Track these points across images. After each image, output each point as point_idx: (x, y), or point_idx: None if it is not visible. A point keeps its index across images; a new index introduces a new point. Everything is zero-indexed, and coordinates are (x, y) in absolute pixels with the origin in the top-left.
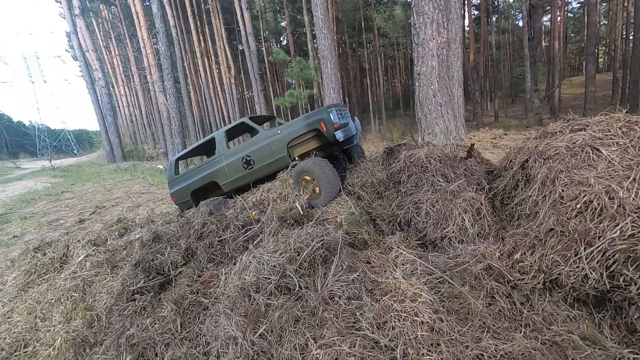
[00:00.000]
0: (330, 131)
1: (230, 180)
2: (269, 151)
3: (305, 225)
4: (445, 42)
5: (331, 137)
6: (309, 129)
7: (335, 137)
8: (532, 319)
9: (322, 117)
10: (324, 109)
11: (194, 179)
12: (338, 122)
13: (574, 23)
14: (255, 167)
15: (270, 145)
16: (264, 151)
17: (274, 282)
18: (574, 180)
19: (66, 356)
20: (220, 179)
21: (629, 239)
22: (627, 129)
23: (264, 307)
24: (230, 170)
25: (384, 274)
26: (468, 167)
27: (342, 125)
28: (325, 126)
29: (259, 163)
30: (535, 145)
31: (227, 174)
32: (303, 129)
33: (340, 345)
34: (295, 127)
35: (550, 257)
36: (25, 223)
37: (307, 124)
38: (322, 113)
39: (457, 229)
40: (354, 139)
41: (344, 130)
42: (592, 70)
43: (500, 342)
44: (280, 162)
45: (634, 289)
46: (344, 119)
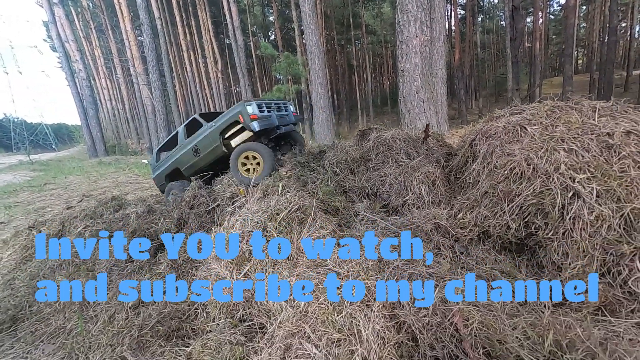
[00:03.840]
0: (247, 122)
1: (187, 167)
2: (208, 141)
3: (284, 193)
4: (428, 40)
5: (248, 127)
6: (232, 121)
7: (251, 127)
8: (467, 262)
9: (239, 110)
10: (242, 102)
11: (165, 165)
12: (257, 114)
13: (555, 25)
14: (201, 154)
15: (209, 135)
16: (205, 141)
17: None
18: (505, 152)
19: (71, 308)
20: (181, 166)
21: (538, 195)
22: (551, 112)
23: (248, 253)
24: (186, 158)
25: (350, 231)
26: (429, 148)
27: (261, 117)
28: (242, 118)
29: (204, 151)
30: (481, 127)
31: (184, 161)
32: (228, 121)
33: (309, 273)
34: (223, 120)
35: (483, 213)
36: (10, 211)
37: (229, 116)
38: (240, 106)
39: (415, 198)
40: (279, 129)
41: (260, 121)
42: (569, 71)
43: (430, 268)
44: (216, 150)
45: (541, 233)
46: (265, 112)
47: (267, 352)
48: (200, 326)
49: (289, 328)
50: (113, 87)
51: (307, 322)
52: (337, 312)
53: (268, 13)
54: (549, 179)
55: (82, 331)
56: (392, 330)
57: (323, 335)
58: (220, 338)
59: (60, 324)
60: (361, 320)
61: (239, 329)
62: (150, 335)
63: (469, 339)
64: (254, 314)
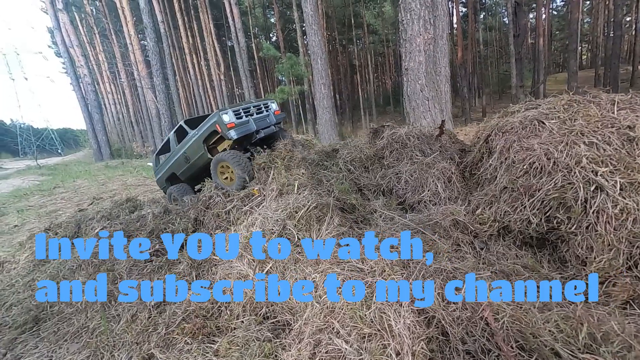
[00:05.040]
0: (224, 131)
1: (181, 172)
2: (194, 149)
3: (301, 192)
4: (432, 38)
5: (225, 136)
6: (210, 130)
7: (228, 136)
8: (488, 258)
9: (215, 120)
10: (217, 112)
11: (164, 170)
12: (234, 122)
13: (559, 21)
14: (191, 161)
15: (194, 144)
16: (191, 149)
17: (276, 233)
18: (523, 147)
19: (93, 307)
20: (176, 171)
21: (560, 189)
22: (568, 106)
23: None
24: (178, 164)
25: (369, 228)
26: (443, 145)
27: (238, 125)
28: (219, 127)
29: (192, 158)
30: (497, 123)
31: (177, 167)
32: (207, 131)
33: (334, 269)
34: (203, 129)
35: (503, 209)
36: (23, 215)
37: (207, 126)
38: (216, 116)
39: (431, 194)
40: (259, 133)
41: (237, 129)
42: (574, 67)
43: (455, 264)
44: (203, 157)
45: (564, 227)
46: (242, 118)
47: (296, 348)
48: (225, 324)
49: (317, 324)
50: (117, 92)
51: (335, 317)
52: (365, 307)
53: (269, 15)
54: (571, 173)
55: (105, 330)
56: (422, 325)
57: (352, 331)
58: (246, 335)
59: (83, 323)
60: (391, 315)
61: (265, 326)
62: (177, 333)
63: (501, 332)
64: (277, 311)
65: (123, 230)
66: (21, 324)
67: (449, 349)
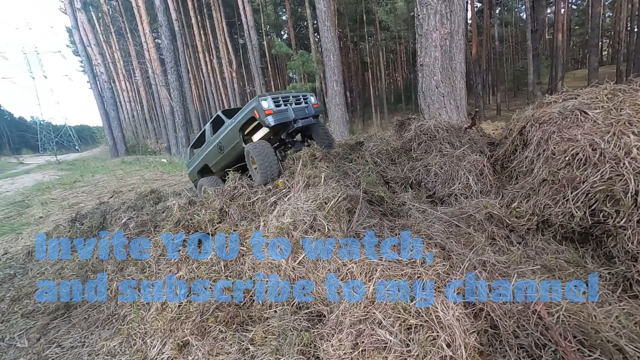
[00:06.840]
0: (262, 117)
1: (214, 163)
2: (230, 138)
3: (329, 183)
4: (448, 33)
5: (263, 122)
6: (248, 117)
7: (266, 123)
8: (527, 253)
9: (254, 106)
10: (256, 97)
11: (197, 162)
12: (272, 109)
13: (578, 15)
14: (225, 151)
15: (229, 132)
16: (226, 138)
17: (307, 223)
18: (564, 138)
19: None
20: (209, 162)
21: (607, 181)
22: (612, 95)
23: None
24: (212, 154)
25: (400, 219)
26: (472, 137)
27: (276, 112)
28: (257, 113)
29: (227, 147)
30: (532, 114)
31: (211, 158)
32: (245, 117)
33: (371, 260)
34: (240, 116)
35: (542, 202)
36: (47, 207)
37: (245, 113)
38: (255, 102)
39: (462, 187)
40: (297, 123)
41: (276, 116)
42: (594, 62)
43: (498, 256)
44: (238, 146)
45: (611, 222)
46: (281, 106)
47: (337, 337)
48: (257, 313)
49: (358, 314)
50: (132, 89)
51: (377, 308)
52: (409, 297)
53: (281, 12)
54: (619, 164)
55: (137, 317)
56: (470, 317)
57: (395, 322)
58: (282, 324)
59: (113, 310)
60: (439, 306)
61: (300, 316)
62: (211, 321)
63: (557, 327)
64: (310, 303)
65: (150, 221)
66: (53, 310)
67: (500, 342)
